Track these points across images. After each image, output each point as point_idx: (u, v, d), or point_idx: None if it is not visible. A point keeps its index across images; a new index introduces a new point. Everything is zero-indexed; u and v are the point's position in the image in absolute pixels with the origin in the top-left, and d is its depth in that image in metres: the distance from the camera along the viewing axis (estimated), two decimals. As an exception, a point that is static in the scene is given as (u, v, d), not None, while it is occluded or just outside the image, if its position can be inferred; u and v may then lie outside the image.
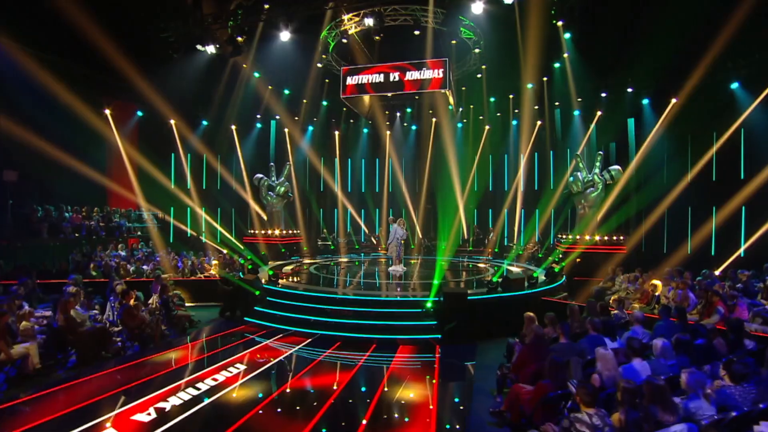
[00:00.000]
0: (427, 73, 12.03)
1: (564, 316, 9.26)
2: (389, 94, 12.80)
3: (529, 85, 14.55)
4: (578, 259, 11.81)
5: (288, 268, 13.90)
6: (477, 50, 12.81)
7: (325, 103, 18.58)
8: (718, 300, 8.13)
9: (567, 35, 11.63)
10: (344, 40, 12.68)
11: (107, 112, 15.72)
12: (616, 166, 13.59)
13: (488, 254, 16.45)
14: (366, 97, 14.24)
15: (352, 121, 19.81)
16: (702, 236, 13.31)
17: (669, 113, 14.11)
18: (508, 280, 9.52)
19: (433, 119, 18.62)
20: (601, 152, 14.13)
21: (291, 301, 9.47)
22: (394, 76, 12.30)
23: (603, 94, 14.80)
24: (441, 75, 12.05)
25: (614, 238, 13.17)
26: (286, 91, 16.64)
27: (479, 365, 7.38)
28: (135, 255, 14.62)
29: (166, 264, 12.93)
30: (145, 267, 13.31)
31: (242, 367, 6.89)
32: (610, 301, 9.20)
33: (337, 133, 20.28)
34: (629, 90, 14.35)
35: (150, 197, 17.25)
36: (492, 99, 15.97)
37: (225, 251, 16.42)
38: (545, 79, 14.35)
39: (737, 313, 8.01)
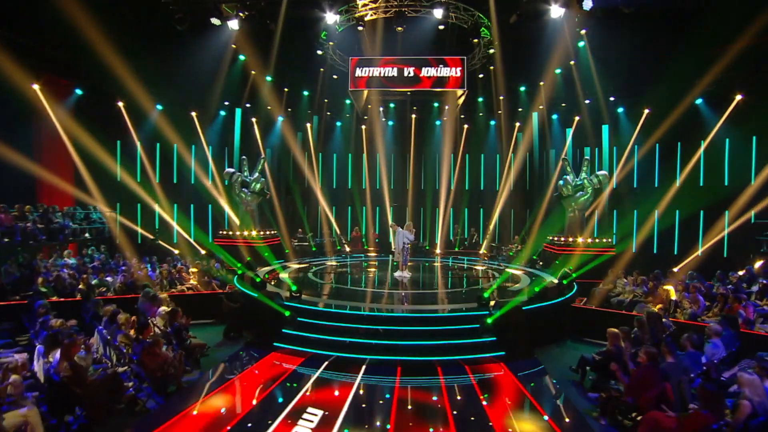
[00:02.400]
0: (444, 71, 11.33)
1: (598, 324, 9.46)
2: (407, 91, 11.90)
3: (522, 88, 14.55)
4: (570, 268, 12.04)
5: (286, 274, 12.47)
6: (492, 50, 12.42)
7: (305, 93, 16.99)
8: (738, 305, 8.63)
9: (581, 43, 11.68)
10: (360, 27, 11.45)
11: (36, 87, 12.82)
12: (604, 171, 14.14)
13: (484, 257, 16.34)
14: (365, 90, 13.20)
15: (329, 113, 18.43)
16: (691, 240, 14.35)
17: (643, 122, 15.01)
18: (547, 290, 9.31)
19: (433, 117, 17.97)
20: (587, 157, 14.60)
21: (326, 321, 8.32)
22: (409, 71, 11.41)
23: (587, 101, 15.29)
24: (459, 73, 11.44)
25: (604, 240, 13.72)
26: (269, 78, 14.88)
27: (548, 382, 7.08)
28: (87, 264, 12.17)
29: (144, 275, 10.85)
30: (109, 279, 11.09)
31: (319, 412, 5.77)
32: (654, 308, 9.34)
33: (308, 125, 18.75)
34: (611, 99, 14.97)
35: (92, 192, 14.60)
36: (480, 99, 15.77)
37: (204, 253, 14.45)
38: (541, 84, 14.46)
39: (748, 315, 8.60)
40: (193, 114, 16.59)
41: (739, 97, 13.11)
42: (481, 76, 13.34)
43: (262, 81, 15.05)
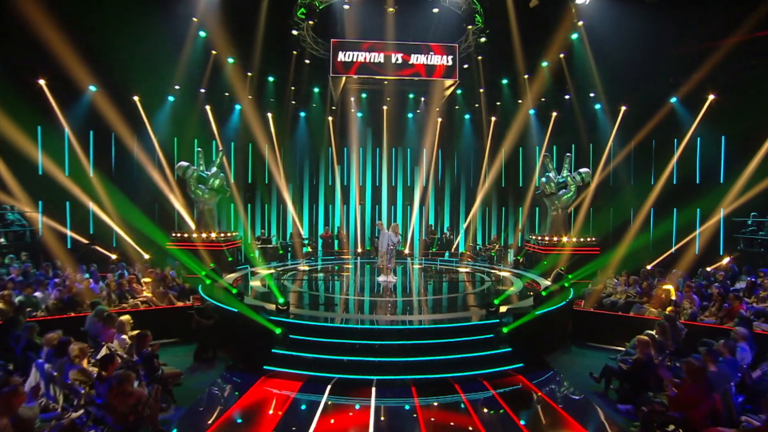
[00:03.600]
0: (435, 59, 10.77)
1: (600, 327, 9.40)
2: (391, 78, 11.16)
3: (504, 81, 14.40)
4: (563, 269, 12.04)
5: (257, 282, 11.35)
6: (483, 39, 12.04)
7: (271, 79, 15.75)
8: (739, 304, 8.89)
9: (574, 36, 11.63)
10: (346, 5, 10.51)
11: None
12: (586, 169, 14.32)
13: (467, 257, 16.03)
14: (342, 77, 12.31)
15: (294, 102, 17.28)
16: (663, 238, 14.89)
17: (621, 119, 15.44)
18: (553, 293, 9.08)
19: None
20: (569, 154, 14.75)
21: (323, 337, 7.49)
22: (397, 58, 10.72)
23: (566, 96, 15.46)
24: (450, 62, 10.93)
25: (589, 239, 13.91)
26: (230, 60, 13.55)
27: (573, 394, 6.80)
28: (4, 276, 10.28)
29: (85, 288, 9.32)
30: (38, 294, 9.42)
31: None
32: (653, 310, 9.39)
33: (270, 115, 17.48)
34: (591, 95, 15.23)
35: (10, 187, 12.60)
36: (459, 91, 15.47)
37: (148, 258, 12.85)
38: (526, 76, 14.36)
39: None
40: (136, 98, 14.82)
41: (711, 97, 13.77)
42: (466, 66, 12.97)
43: (223, 63, 13.70)
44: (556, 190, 14.29)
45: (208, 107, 16.13)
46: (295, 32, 12.61)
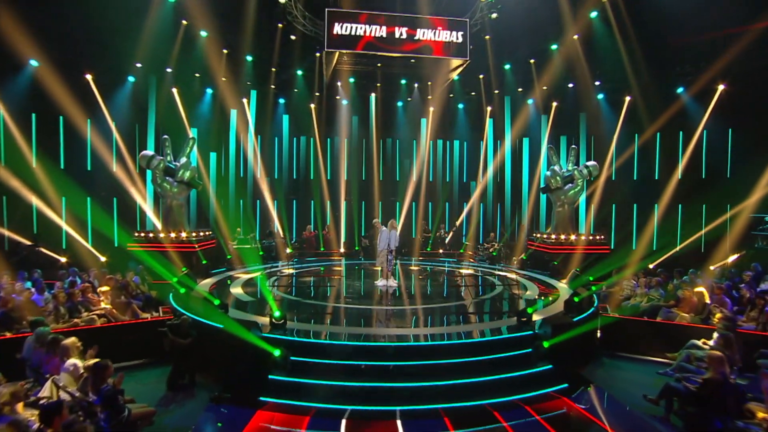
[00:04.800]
0: (443, 35, 9.68)
1: (629, 335, 8.61)
2: (396, 55, 9.95)
3: (507, 66, 13.53)
4: (578, 269, 11.29)
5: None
6: (494, 15, 11.02)
7: (249, 58, 14.23)
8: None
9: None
10: None
11: None
12: (593, 162, 13.67)
13: (468, 257, 15.05)
14: (335, 56, 11.03)
15: (273, 87, 15.81)
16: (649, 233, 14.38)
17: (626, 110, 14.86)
18: (586, 300, 8.22)
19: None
20: (574, 146, 14.07)
21: (328, 358, 6.29)
22: (401, 32, 9.56)
23: (570, 85, 14.77)
24: (460, 39, 9.87)
25: (597, 237, 13.24)
26: (203, 33, 12.03)
27: (629, 418, 5.91)
28: None
29: (25, 301, 7.72)
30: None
31: None
32: (685, 315, 8.67)
33: (245, 101, 15.95)
34: (596, 83, 14.59)
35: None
36: (455, 77, 14.49)
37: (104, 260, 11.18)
38: (532, 61, 13.51)
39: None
40: (89, 77, 13.04)
41: (721, 87, 13.35)
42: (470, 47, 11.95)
43: (194, 37, 12.16)
44: (562, 185, 13.57)
45: (175, 90, 14.48)
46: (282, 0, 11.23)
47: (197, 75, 14.34)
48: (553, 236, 13.35)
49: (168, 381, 6.74)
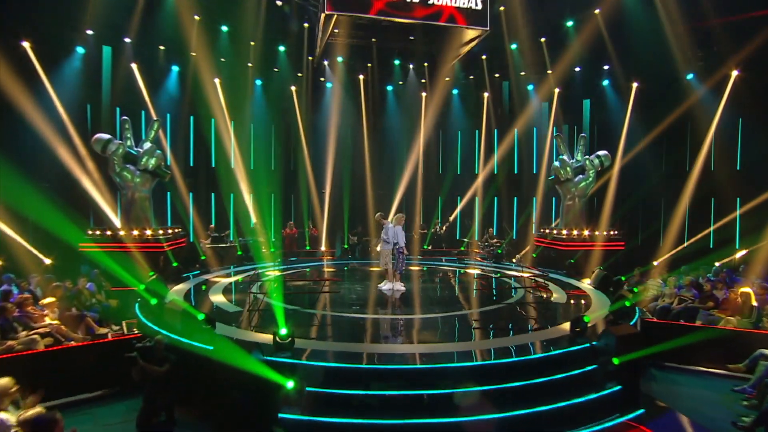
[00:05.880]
0: (462, 0, 8.51)
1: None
2: (407, 21, 8.65)
3: (513, 46, 12.56)
4: (601, 268, 10.47)
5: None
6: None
7: (224, 28, 12.59)
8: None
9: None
10: None
11: None
12: (604, 151, 12.91)
13: (474, 256, 13.96)
14: (331, 24, 9.60)
15: (251, 65, 14.20)
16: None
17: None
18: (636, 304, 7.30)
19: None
20: (584, 134, 13.30)
21: (354, 388, 5.03)
22: (413, -5, 8.29)
23: (576, 69, 13.98)
24: (479, 5, 8.74)
25: (612, 233, 12.49)
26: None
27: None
28: None
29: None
30: None
31: None
32: (731, 318, 7.91)
33: (217, 81, 14.28)
34: (605, 67, 13.86)
35: None
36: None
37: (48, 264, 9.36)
38: (543, 39, 12.56)
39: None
40: (26, 44, 11.09)
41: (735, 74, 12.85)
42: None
43: (159, 2, 10.52)
44: (573, 176, 12.76)
45: (134, 65, 12.69)
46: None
47: (162, 48, 12.61)
48: (564, 232, 12.51)
49: (138, 420, 5.32)
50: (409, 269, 12.20)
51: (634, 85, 14.23)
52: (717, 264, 9.69)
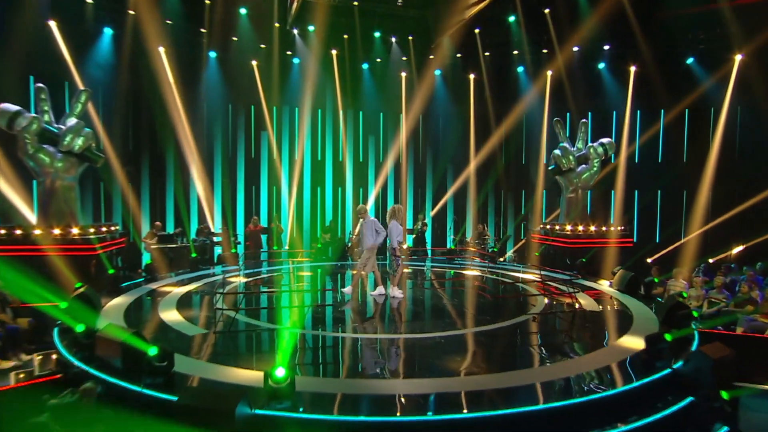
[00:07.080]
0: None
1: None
2: None
3: (512, 17, 11.38)
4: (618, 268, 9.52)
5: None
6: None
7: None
8: None
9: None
10: None
11: None
12: (608, 139, 12.04)
13: (470, 255, 12.59)
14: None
15: (204, 30, 12.13)
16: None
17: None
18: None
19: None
20: (584, 120, 12.39)
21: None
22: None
23: (575, 48, 13.06)
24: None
25: (619, 228, 11.61)
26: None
27: None
28: None
29: None
30: None
31: None
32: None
33: (162, 50, 12.13)
34: (606, 47, 13.02)
35: None
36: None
37: None
38: (547, 10, 11.38)
39: None
40: None
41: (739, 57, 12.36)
42: None
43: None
44: (576, 165, 11.80)
45: (53, 23, 10.39)
46: None
47: (91, 1, 10.38)
48: (569, 227, 11.50)
49: None
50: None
51: (632, 68, 13.51)
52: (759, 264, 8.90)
